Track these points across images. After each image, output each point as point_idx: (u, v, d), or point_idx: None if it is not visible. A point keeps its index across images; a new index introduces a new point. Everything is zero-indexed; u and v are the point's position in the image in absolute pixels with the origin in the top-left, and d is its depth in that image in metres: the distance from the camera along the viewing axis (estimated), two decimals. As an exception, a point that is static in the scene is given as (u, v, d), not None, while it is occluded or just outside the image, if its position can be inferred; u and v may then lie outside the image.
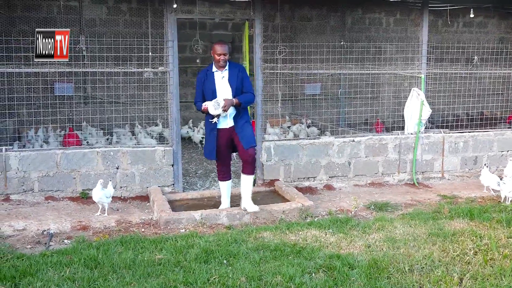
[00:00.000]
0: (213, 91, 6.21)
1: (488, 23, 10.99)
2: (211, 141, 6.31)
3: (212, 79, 6.26)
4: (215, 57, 6.22)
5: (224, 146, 6.38)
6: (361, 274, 4.58)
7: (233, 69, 6.31)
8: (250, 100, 6.40)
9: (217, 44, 6.27)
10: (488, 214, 6.48)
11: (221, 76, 6.28)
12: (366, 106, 8.85)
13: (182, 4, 7.47)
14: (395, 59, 9.05)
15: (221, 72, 6.29)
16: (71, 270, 4.60)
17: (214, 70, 6.29)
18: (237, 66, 6.42)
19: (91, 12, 10.10)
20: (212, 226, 6.12)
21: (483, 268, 4.79)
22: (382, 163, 8.42)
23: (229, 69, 6.30)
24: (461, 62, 9.39)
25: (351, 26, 10.04)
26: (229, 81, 6.24)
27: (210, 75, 6.29)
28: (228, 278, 4.47)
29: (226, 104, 6.06)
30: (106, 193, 6.45)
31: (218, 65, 6.25)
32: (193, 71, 12.36)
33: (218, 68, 6.29)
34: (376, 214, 6.73)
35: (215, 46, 6.25)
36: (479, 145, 8.98)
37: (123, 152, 7.34)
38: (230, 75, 6.27)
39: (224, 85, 6.26)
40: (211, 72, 6.30)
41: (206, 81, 6.28)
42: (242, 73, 6.37)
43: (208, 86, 6.24)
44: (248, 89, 6.38)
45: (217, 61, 6.22)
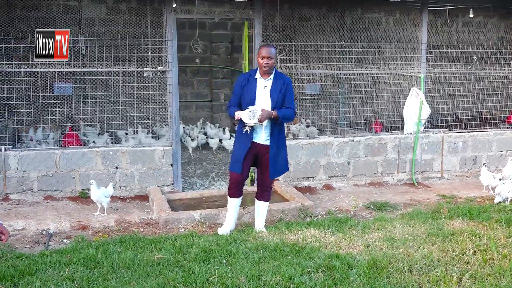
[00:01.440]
0: (252, 100, 5.58)
1: (488, 23, 10.99)
2: (241, 153, 5.64)
3: (253, 86, 5.64)
4: (259, 61, 5.59)
5: (249, 161, 5.72)
6: (360, 274, 4.58)
7: (278, 80, 5.66)
8: (290, 117, 5.69)
9: (263, 46, 5.70)
10: (488, 214, 6.48)
11: (264, 85, 5.64)
12: (365, 106, 8.86)
13: (181, 3, 7.47)
14: (394, 59, 9.05)
15: (264, 81, 5.65)
16: (70, 269, 4.59)
17: (258, 76, 5.66)
18: (283, 78, 5.72)
19: (90, 12, 10.10)
20: (212, 225, 6.12)
21: (482, 268, 4.79)
22: (381, 163, 8.42)
23: (274, 79, 5.66)
24: (460, 62, 9.39)
25: (350, 26, 10.04)
26: (270, 93, 5.60)
27: (252, 81, 5.66)
28: (228, 278, 4.47)
29: (263, 115, 5.41)
30: (104, 193, 6.45)
31: (262, 71, 5.60)
32: (193, 70, 12.37)
33: (262, 75, 5.65)
34: (375, 214, 6.73)
35: (260, 49, 5.67)
36: (478, 145, 8.98)
37: (122, 151, 7.34)
38: (273, 86, 5.63)
39: (264, 95, 5.62)
40: (253, 78, 5.67)
41: (246, 86, 5.65)
42: (287, 86, 5.68)
43: (248, 93, 5.62)
44: (290, 104, 5.68)
45: (260, 66, 5.59)
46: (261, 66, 5.58)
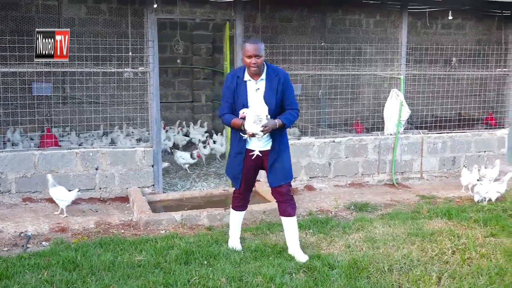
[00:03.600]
0: (244, 106, 4.79)
1: (466, 25, 11.15)
2: (237, 165, 4.98)
3: (243, 90, 4.84)
4: (245, 61, 4.75)
5: (250, 170, 5.02)
6: (341, 274, 4.60)
7: (272, 78, 4.83)
8: (295, 119, 4.94)
9: (248, 42, 4.76)
10: (466, 214, 6.56)
11: (255, 88, 4.84)
12: (346, 107, 8.91)
13: (162, 4, 7.44)
14: (375, 60, 9.13)
15: (255, 82, 4.84)
16: (49, 272, 4.54)
17: (247, 78, 4.84)
18: (278, 74, 4.86)
19: (70, 12, 9.99)
20: (193, 227, 6.10)
21: (460, 267, 4.85)
22: (362, 163, 8.47)
23: (267, 78, 4.83)
24: (439, 63, 9.51)
25: (331, 27, 10.09)
26: (265, 97, 4.80)
27: (241, 84, 4.85)
28: (209, 279, 4.46)
29: (268, 126, 4.64)
30: (58, 194, 6.37)
31: (251, 72, 4.80)
32: (174, 71, 12.31)
33: (252, 76, 4.83)
34: (356, 214, 6.77)
35: (245, 46, 4.76)
36: (457, 145, 9.09)
37: (102, 152, 7.27)
38: (267, 87, 4.82)
39: (258, 100, 4.82)
40: (242, 80, 4.85)
41: (236, 91, 4.85)
42: (284, 83, 4.85)
43: (239, 98, 4.83)
44: (292, 104, 4.91)
45: (248, 66, 4.76)
46: (248, 66, 4.77)
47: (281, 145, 4.95)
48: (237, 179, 5.02)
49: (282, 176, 4.95)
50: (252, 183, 5.18)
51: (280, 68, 4.99)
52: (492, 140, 9.37)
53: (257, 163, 4.99)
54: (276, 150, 4.91)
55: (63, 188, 6.45)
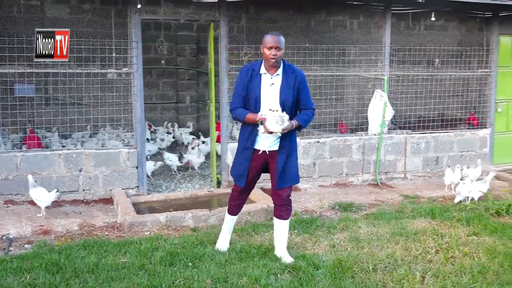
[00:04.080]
0: (257, 100, 4.75)
1: (449, 26, 11.23)
2: (244, 160, 4.89)
3: (257, 83, 4.77)
4: (265, 52, 4.69)
5: (254, 170, 4.94)
6: (326, 274, 4.62)
7: (289, 74, 4.80)
8: (310, 120, 4.90)
9: (268, 34, 4.74)
10: (449, 213, 6.63)
11: (270, 83, 4.78)
12: (331, 107, 8.94)
13: (146, 4, 7.40)
14: (359, 61, 9.17)
15: (270, 76, 4.79)
16: (32, 275, 4.49)
17: (263, 72, 4.80)
18: (295, 72, 4.83)
19: (53, 12, 9.88)
20: (178, 228, 6.08)
21: (444, 266, 4.90)
22: (346, 163, 8.51)
23: (284, 74, 4.79)
24: (422, 64, 9.58)
25: (315, 28, 10.10)
26: (280, 92, 4.75)
27: (256, 77, 4.79)
28: (194, 281, 4.45)
29: (287, 128, 4.65)
30: (36, 195, 6.33)
31: (269, 64, 4.74)
32: (158, 72, 12.24)
33: (268, 69, 4.79)
34: (340, 214, 6.80)
35: (265, 38, 4.72)
36: (440, 145, 9.18)
37: (86, 154, 7.21)
38: (284, 83, 4.77)
39: (272, 95, 4.76)
40: (257, 73, 4.80)
41: (250, 84, 4.79)
42: (301, 82, 4.81)
43: (252, 91, 4.77)
44: (308, 104, 4.88)
45: (267, 58, 4.71)
46: (267, 58, 4.70)
47: (291, 146, 4.89)
48: (243, 176, 4.89)
49: (290, 179, 4.92)
50: (252, 184, 5.07)
51: (296, 67, 4.94)
52: (474, 140, 9.48)
53: (263, 163, 4.91)
54: (286, 151, 4.84)
55: (43, 189, 6.41)
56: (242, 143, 4.91)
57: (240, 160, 4.92)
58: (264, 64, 4.81)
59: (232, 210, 5.19)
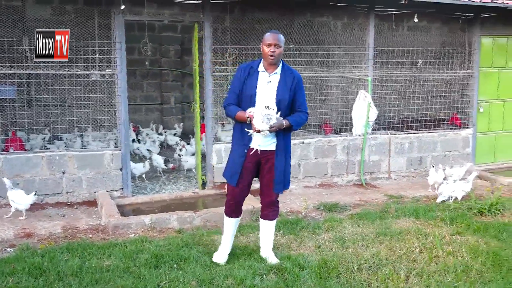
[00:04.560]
0: (252, 97, 4.69)
1: (431, 27, 11.34)
2: (238, 157, 4.78)
3: (254, 80, 4.73)
4: (264, 49, 4.68)
5: (249, 171, 4.81)
6: (311, 274, 4.63)
7: (287, 74, 4.78)
8: (303, 123, 4.86)
9: (269, 32, 4.76)
10: (433, 213, 6.69)
11: (268, 81, 4.74)
12: (315, 108, 8.97)
13: (130, 5, 7.35)
14: (343, 62, 9.20)
15: (268, 75, 4.75)
16: (14, 279, 4.44)
17: (261, 69, 4.76)
18: (293, 73, 4.83)
19: (34, 12, 9.77)
20: (163, 230, 6.05)
21: (428, 266, 4.94)
22: (331, 164, 8.55)
23: (282, 74, 4.77)
24: (406, 65, 9.65)
25: (300, 29, 10.13)
26: (277, 90, 4.70)
27: (253, 74, 4.75)
28: (179, 283, 4.43)
29: (275, 126, 4.56)
30: (14, 197, 6.28)
31: (268, 62, 4.71)
32: (142, 73, 12.20)
33: (267, 67, 4.75)
34: (325, 214, 6.82)
35: (265, 36, 4.74)
36: (423, 145, 9.26)
37: (69, 156, 7.15)
38: (281, 82, 4.73)
39: (268, 93, 4.70)
40: (255, 70, 4.77)
41: (246, 80, 4.75)
42: (298, 83, 4.80)
43: (248, 88, 4.73)
44: (302, 107, 4.83)
45: (265, 55, 4.68)
46: (266, 55, 4.68)
47: (286, 150, 4.81)
48: (236, 173, 4.75)
49: (287, 183, 4.90)
50: (247, 186, 4.87)
51: (295, 70, 4.92)
52: (457, 140, 9.58)
53: (255, 165, 4.78)
54: (283, 153, 4.77)
55: (21, 192, 6.37)
56: (237, 141, 4.81)
57: (235, 159, 4.79)
58: (262, 62, 4.78)
59: (230, 213, 4.98)
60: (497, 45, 10.06)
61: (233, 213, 4.98)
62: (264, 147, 4.75)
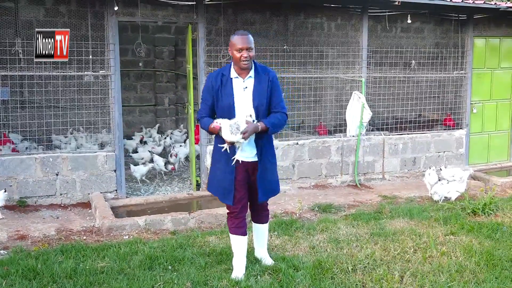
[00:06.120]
0: (230, 107, 4.39)
1: (425, 28, 11.39)
2: (228, 177, 4.46)
3: (229, 89, 4.40)
4: (235, 55, 4.34)
5: (242, 182, 4.51)
6: (306, 275, 4.63)
7: (262, 76, 4.46)
8: (281, 124, 4.51)
9: (236, 35, 4.38)
10: (427, 213, 6.71)
11: (243, 86, 4.43)
12: (309, 109, 8.98)
13: (123, 6, 7.34)
14: (336, 63, 9.22)
15: (243, 80, 4.44)
16: (8, 282, 4.41)
17: (234, 75, 4.44)
18: (266, 72, 4.51)
19: (27, 14, 9.74)
20: (157, 231, 6.04)
21: (422, 266, 4.95)
22: (325, 165, 8.56)
23: (256, 76, 4.45)
24: (399, 66, 9.68)
25: (293, 30, 10.14)
26: (253, 96, 4.41)
27: (227, 83, 4.42)
28: (173, 284, 4.42)
29: (248, 130, 4.24)
30: None
31: (240, 67, 4.38)
32: (136, 74, 12.16)
33: (239, 73, 4.43)
34: (320, 215, 6.83)
35: (233, 39, 4.36)
36: (417, 146, 9.29)
37: (63, 158, 7.12)
38: (256, 86, 4.42)
39: (246, 100, 4.42)
40: (228, 77, 4.44)
41: (221, 90, 4.41)
42: (273, 81, 4.47)
43: (224, 98, 4.40)
44: (278, 106, 4.49)
45: (237, 61, 4.35)
46: (238, 61, 4.34)
47: (269, 156, 4.56)
48: (229, 191, 4.45)
49: (271, 191, 4.66)
50: (244, 199, 4.57)
51: (267, 67, 4.65)
52: (450, 140, 9.62)
53: (247, 174, 4.50)
54: (264, 162, 4.49)
55: None
56: (219, 155, 4.50)
57: (225, 177, 4.47)
58: (234, 67, 4.45)
59: (236, 231, 4.63)
60: (490, 46, 10.11)
61: (239, 229, 4.60)
62: (250, 159, 4.49)
